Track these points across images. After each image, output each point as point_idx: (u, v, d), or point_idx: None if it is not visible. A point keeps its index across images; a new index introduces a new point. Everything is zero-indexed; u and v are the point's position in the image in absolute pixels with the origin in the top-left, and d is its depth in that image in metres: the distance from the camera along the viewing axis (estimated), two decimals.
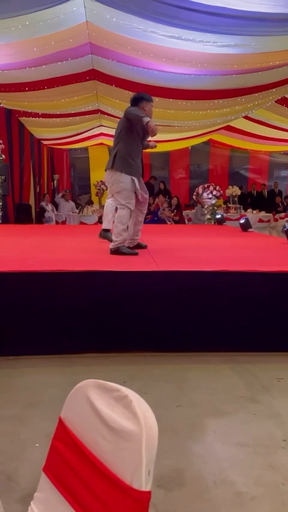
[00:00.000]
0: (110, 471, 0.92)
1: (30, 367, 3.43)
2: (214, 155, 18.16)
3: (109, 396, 1.02)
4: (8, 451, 2.34)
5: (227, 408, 2.83)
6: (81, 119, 11.53)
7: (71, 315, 3.62)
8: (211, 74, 8.33)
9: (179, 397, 2.97)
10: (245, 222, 8.38)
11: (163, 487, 2.07)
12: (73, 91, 9.35)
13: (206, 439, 2.50)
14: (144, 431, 0.88)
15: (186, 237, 7.55)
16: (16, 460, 2.24)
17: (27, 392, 3.02)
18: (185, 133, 13.57)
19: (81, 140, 14.68)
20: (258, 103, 10.28)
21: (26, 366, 3.45)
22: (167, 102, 9.42)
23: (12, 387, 3.13)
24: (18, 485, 2.02)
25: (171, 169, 18.41)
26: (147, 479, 0.86)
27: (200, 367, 3.45)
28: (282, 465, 2.25)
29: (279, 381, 3.22)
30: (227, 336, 3.69)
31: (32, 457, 2.22)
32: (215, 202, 10.43)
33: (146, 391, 2.94)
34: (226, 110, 10.40)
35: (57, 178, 17.29)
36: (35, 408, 2.76)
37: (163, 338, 3.67)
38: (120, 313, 3.64)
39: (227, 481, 2.12)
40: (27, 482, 2.01)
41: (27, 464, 2.17)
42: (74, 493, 1.00)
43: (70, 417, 1.10)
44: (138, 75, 8.48)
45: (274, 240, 7.36)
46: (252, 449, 2.40)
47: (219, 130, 14.31)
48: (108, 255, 4.85)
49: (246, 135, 14.22)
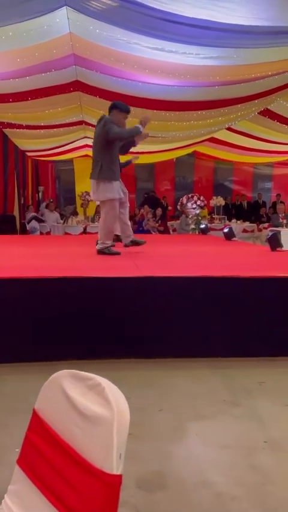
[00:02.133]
0: (81, 457, 0.92)
1: (11, 374, 3.40)
2: (199, 167, 18.33)
3: (83, 385, 1.02)
4: None
5: (209, 412, 2.83)
6: (66, 130, 11.56)
7: (52, 321, 3.61)
8: (194, 85, 8.43)
9: (161, 401, 2.96)
10: (229, 231, 8.43)
11: (144, 489, 2.06)
12: (57, 102, 9.40)
13: (188, 442, 2.49)
14: (115, 416, 0.89)
15: (170, 245, 7.58)
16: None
17: (7, 399, 3.00)
18: (169, 145, 13.68)
19: (65, 152, 14.72)
20: (241, 114, 10.41)
21: (7, 374, 3.42)
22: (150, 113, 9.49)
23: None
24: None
25: (156, 181, 18.53)
26: (118, 463, 0.86)
27: (182, 373, 3.45)
28: (262, 466, 2.25)
29: (261, 385, 3.23)
30: (209, 341, 3.69)
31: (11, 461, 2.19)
32: (199, 212, 10.50)
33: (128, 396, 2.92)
34: (209, 121, 10.52)
35: (42, 190, 17.29)
36: (16, 415, 2.73)
37: (145, 344, 3.66)
38: (102, 319, 3.64)
39: (208, 482, 2.12)
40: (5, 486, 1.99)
41: (6, 468, 2.14)
42: (47, 483, 1.00)
43: (44, 408, 1.09)
44: (122, 86, 8.56)
45: (257, 248, 7.42)
46: (233, 451, 2.40)
47: (204, 142, 14.46)
48: (92, 261, 4.87)
49: (230, 147, 14.38)
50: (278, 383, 3.30)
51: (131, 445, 2.34)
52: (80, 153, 15.41)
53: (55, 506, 0.95)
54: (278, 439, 2.50)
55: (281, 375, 3.45)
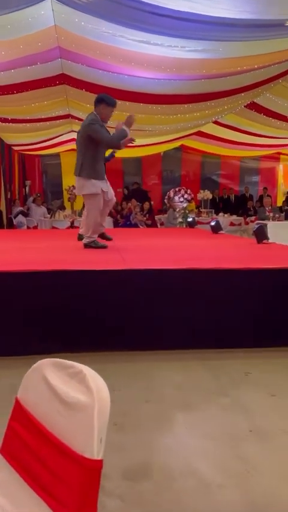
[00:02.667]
0: (63, 443, 0.92)
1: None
2: (186, 161, 18.34)
3: (64, 373, 1.02)
4: None
5: (196, 402, 2.85)
6: (52, 124, 11.50)
7: (38, 314, 3.60)
8: (180, 78, 8.42)
9: (148, 393, 2.97)
10: (216, 224, 8.45)
11: (130, 479, 2.07)
12: (43, 96, 9.34)
13: (174, 432, 2.51)
14: (96, 402, 0.89)
15: (157, 238, 7.59)
16: None
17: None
18: (156, 138, 13.66)
19: (52, 146, 14.64)
20: (227, 107, 10.43)
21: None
22: (137, 107, 9.47)
23: None
24: None
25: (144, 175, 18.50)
26: (99, 448, 0.87)
27: (169, 364, 3.46)
28: (248, 455, 2.27)
29: (247, 375, 3.26)
30: (195, 333, 3.71)
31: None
32: (187, 205, 10.51)
33: (115, 388, 2.94)
34: (196, 114, 10.52)
35: (29, 185, 17.20)
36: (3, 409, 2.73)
37: (132, 336, 3.67)
38: (88, 312, 3.63)
39: (194, 471, 2.13)
40: None
41: None
42: (29, 470, 1.00)
43: (26, 396, 1.10)
44: (108, 79, 8.52)
45: (244, 241, 7.45)
46: (220, 440, 2.41)
47: (191, 136, 14.46)
48: (78, 255, 4.88)
49: (217, 140, 14.40)
50: (264, 373, 3.33)
51: (117, 435, 2.37)
52: (67, 147, 15.33)
53: (37, 493, 0.95)
54: (264, 429, 2.52)
55: (266, 366, 3.48)
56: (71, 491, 0.87)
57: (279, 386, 3.10)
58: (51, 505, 0.90)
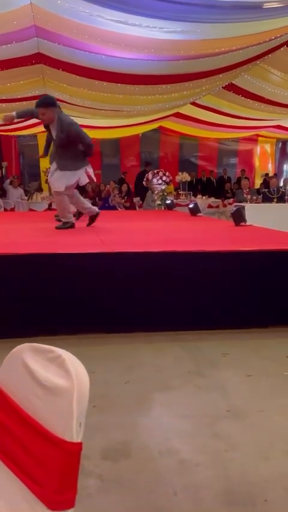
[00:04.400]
0: (43, 427, 0.94)
1: None
2: (164, 143, 18.26)
3: (43, 358, 1.03)
4: None
5: (174, 383, 2.89)
6: (28, 104, 11.26)
7: (15, 297, 3.59)
8: (158, 59, 8.36)
9: (126, 374, 3.01)
10: (194, 206, 8.47)
11: (109, 459, 2.10)
12: (18, 75, 9.17)
13: (153, 412, 2.54)
14: (75, 386, 0.90)
15: (135, 221, 7.59)
16: None
17: None
18: (134, 119, 13.56)
19: (29, 126, 14.38)
20: (205, 88, 10.40)
21: None
22: (115, 87, 9.39)
23: None
24: None
25: (122, 157, 18.37)
26: (78, 431, 0.88)
27: (147, 346, 3.50)
28: (225, 434, 2.32)
29: (225, 356, 3.31)
30: (173, 314, 3.74)
31: None
32: (165, 188, 10.50)
33: (93, 370, 2.96)
34: (174, 94, 10.47)
35: (5, 166, 16.94)
36: None
37: (110, 319, 3.69)
38: (67, 295, 3.64)
39: (172, 450, 2.18)
40: None
41: None
42: (9, 453, 1.01)
43: (6, 381, 1.10)
44: (86, 59, 8.41)
45: (221, 223, 7.50)
46: (197, 419, 2.46)
47: (169, 117, 14.39)
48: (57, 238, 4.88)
49: (196, 122, 14.36)
50: (241, 354, 3.38)
51: (96, 417, 2.40)
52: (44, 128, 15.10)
53: (17, 475, 0.97)
54: (240, 408, 2.58)
55: (244, 347, 3.53)
56: (50, 473, 0.89)
57: (255, 366, 3.16)
58: (30, 487, 0.92)
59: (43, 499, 0.88)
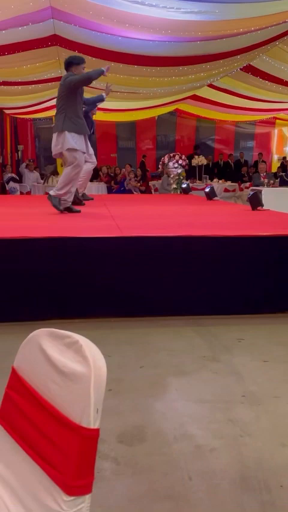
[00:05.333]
0: (60, 413, 0.93)
1: None
2: (181, 125, 18.08)
3: (60, 343, 1.03)
4: None
5: (189, 368, 2.89)
6: (44, 87, 11.26)
7: (32, 281, 3.61)
8: (175, 40, 8.23)
9: (142, 358, 3.01)
10: (210, 190, 8.41)
11: (124, 443, 2.11)
12: (35, 57, 9.11)
13: (168, 397, 2.55)
14: (92, 373, 0.90)
15: (151, 205, 7.55)
16: None
17: None
18: (150, 102, 13.43)
19: (45, 109, 14.35)
20: (223, 70, 10.24)
21: None
22: (131, 69, 9.29)
23: None
24: None
25: (138, 140, 18.25)
26: (95, 418, 0.88)
27: (162, 331, 3.50)
28: (240, 419, 2.32)
29: (240, 342, 3.30)
30: (189, 299, 3.74)
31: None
32: (181, 171, 10.42)
33: (109, 354, 2.98)
34: (191, 76, 10.33)
35: (21, 149, 16.94)
36: None
37: (126, 303, 3.69)
38: (83, 279, 3.64)
39: (187, 435, 2.18)
40: None
41: None
42: (26, 438, 1.02)
43: (23, 366, 1.10)
44: (102, 40, 8.32)
45: (238, 208, 7.44)
46: (212, 405, 2.46)
47: (185, 100, 14.23)
48: (74, 222, 4.85)
49: (212, 104, 14.18)
50: (256, 340, 3.37)
51: (112, 400, 2.41)
52: None
53: (34, 459, 0.97)
54: (256, 393, 2.57)
55: (259, 332, 3.52)
56: (68, 459, 0.89)
57: (271, 352, 3.15)
58: (48, 472, 0.92)
59: (60, 484, 0.89)
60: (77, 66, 5.31)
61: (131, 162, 15.28)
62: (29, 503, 0.95)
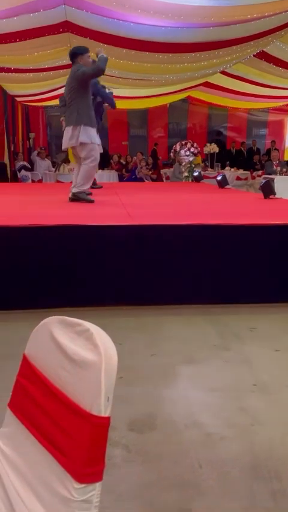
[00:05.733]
0: (71, 401, 0.93)
1: (3, 321, 3.43)
2: (193, 113, 17.94)
3: (71, 331, 1.02)
4: None
5: (200, 356, 2.89)
6: (56, 74, 11.21)
7: (45, 269, 3.61)
8: (188, 26, 8.14)
9: (153, 347, 3.01)
10: (222, 179, 8.35)
11: (135, 431, 2.12)
12: (46, 44, 9.06)
13: (178, 385, 2.55)
14: (103, 360, 0.89)
15: (162, 193, 7.52)
16: None
17: (0, 345, 3.03)
18: (162, 89, 13.33)
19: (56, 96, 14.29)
20: (236, 56, 10.12)
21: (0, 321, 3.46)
22: (143, 56, 9.21)
23: None
24: None
25: (150, 128, 18.15)
26: (106, 406, 0.88)
27: (174, 319, 3.50)
28: (251, 408, 2.31)
29: (252, 331, 3.29)
30: (201, 288, 3.72)
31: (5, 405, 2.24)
32: (193, 159, 10.34)
33: (120, 342, 2.98)
34: (204, 63, 10.22)
35: (33, 137, 16.93)
36: (8, 361, 2.76)
37: (138, 291, 3.69)
38: (94, 267, 3.64)
39: (198, 423, 2.18)
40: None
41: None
42: (37, 425, 1.02)
43: (34, 353, 1.10)
44: (114, 27, 8.25)
45: (250, 196, 7.38)
46: (223, 393, 2.46)
47: (198, 87, 14.10)
48: (85, 210, 4.84)
49: (225, 91, 14.04)
50: (269, 329, 3.36)
51: (123, 388, 2.41)
52: None
53: (45, 447, 0.97)
54: (267, 382, 2.56)
55: (271, 321, 3.50)
56: (78, 446, 0.89)
57: (283, 341, 3.13)
58: (59, 459, 0.92)
59: (71, 471, 0.89)
60: (82, 56, 5.27)
61: (143, 150, 15.21)
62: (40, 490, 0.95)
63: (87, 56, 5.32)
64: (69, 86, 5.35)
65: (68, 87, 5.37)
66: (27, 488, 0.98)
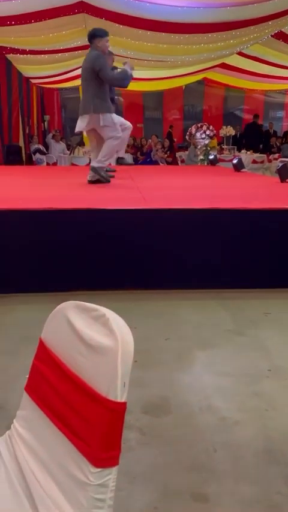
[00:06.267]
0: (87, 385, 0.93)
1: (20, 304, 3.47)
2: (208, 95, 17.72)
3: (88, 316, 1.02)
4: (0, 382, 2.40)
5: (214, 341, 2.89)
6: (71, 55, 11.11)
7: (61, 253, 3.62)
8: (205, 6, 7.99)
9: (167, 331, 3.02)
10: (238, 162, 8.27)
11: (149, 414, 2.13)
12: (61, 25, 8.97)
13: (193, 370, 2.56)
14: (120, 346, 0.89)
15: (178, 177, 7.47)
16: (7, 390, 2.30)
17: (17, 327, 3.07)
18: (178, 70, 13.16)
19: (71, 78, 14.20)
20: (253, 37, 9.93)
21: (18, 303, 3.49)
22: (159, 36, 9.09)
23: (4, 323, 3.17)
24: (8, 413, 2.08)
25: (165, 110, 17.98)
26: (122, 391, 0.88)
27: (189, 303, 3.49)
28: (265, 393, 2.32)
29: (267, 316, 3.28)
30: (216, 273, 3.71)
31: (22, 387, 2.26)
32: (208, 142, 10.24)
33: (135, 326, 2.98)
34: (220, 44, 10.06)
35: (47, 119, 16.88)
36: (25, 343, 2.80)
37: (152, 275, 3.69)
38: (110, 250, 3.65)
39: (212, 407, 2.19)
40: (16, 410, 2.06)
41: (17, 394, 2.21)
42: (54, 409, 1.02)
43: (50, 337, 1.11)
44: (129, 7, 8.13)
45: (266, 180, 7.31)
46: (238, 378, 2.46)
47: (214, 68, 13.91)
48: (99, 193, 4.84)
49: (241, 73, 13.83)
50: (283, 314, 3.34)
51: (137, 372, 2.42)
52: None
53: (62, 431, 0.98)
54: (282, 367, 2.56)
55: (286, 306, 3.49)
56: (95, 431, 0.89)
57: None
58: (76, 443, 0.93)
59: (88, 456, 0.89)
60: (101, 39, 5.22)
61: (158, 133, 15.09)
62: (56, 473, 0.96)
63: (105, 40, 5.26)
64: (84, 74, 5.31)
65: (84, 76, 5.33)
66: (44, 470, 0.99)
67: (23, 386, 1.19)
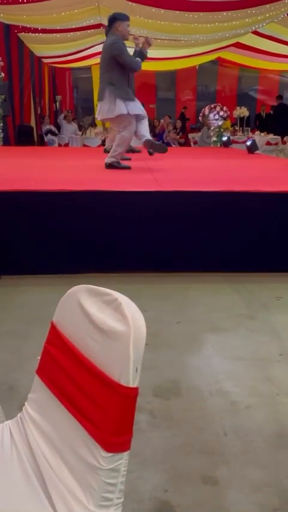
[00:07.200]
0: (99, 370, 0.93)
1: (32, 285, 3.47)
2: (222, 75, 17.46)
3: (100, 300, 1.01)
4: (10, 363, 2.41)
5: (226, 325, 2.88)
6: (83, 34, 10.99)
7: (72, 235, 3.62)
8: None
9: (178, 314, 3.01)
10: (252, 144, 8.17)
11: (160, 396, 2.14)
12: (73, 3, 8.86)
13: (204, 353, 2.55)
14: (132, 331, 0.88)
15: (190, 158, 7.40)
16: (17, 371, 2.31)
17: (28, 309, 3.08)
18: (192, 49, 12.96)
19: (83, 58, 14.08)
20: (269, 15, 9.73)
21: (28, 285, 3.50)
22: (173, 15, 8.94)
23: (15, 304, 3.18)
24: (19, 394, 2.10)
25: (178, 91, 17.77)
26: (134, 376, 0.87)
27: (200, 287, 3.48)
28: (277, 377, 2.31)
29: (279, 300, 3.26)
30: (227, 256, 3.68)
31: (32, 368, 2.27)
32: (222, 123, 10.11)
33: (146, 309, 2.97)
34: (235, 22, 9.86)
35: (59, 100, 16.76)
36: (36, 324, 2.81)
37: (164, 258, 3.67)
38: (121, 233, 3.63)
39: (223, 391, 2.19)
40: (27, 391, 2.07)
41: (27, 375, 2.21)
42: (65, 392, 1.02)
43: (62, 321, 1.10)
44: None
45: (280, 162, 7.22)
46: (249, 362, 2.45)
47: (228, 48, 13.67)
48: (111, 175, 4.80)
49: (256, 52, 13.58)
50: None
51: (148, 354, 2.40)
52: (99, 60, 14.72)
53: (73, 415, 0.98)
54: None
55: None
56: (107, 416, 0.89)
57: None
58: (88, 428, 0.93)
59: (99, 440, 0.89)
60: (121, 23, 5.05)
61: (171, 114, 14.93)
62: (67, 456, 0.96)
63: (126, 24, 5.08)
64: (103, 56, 5.18)
65: (102, 59, 5.20)
66: (56, 454, 1.00)
67: (34, 367, 1.19)
